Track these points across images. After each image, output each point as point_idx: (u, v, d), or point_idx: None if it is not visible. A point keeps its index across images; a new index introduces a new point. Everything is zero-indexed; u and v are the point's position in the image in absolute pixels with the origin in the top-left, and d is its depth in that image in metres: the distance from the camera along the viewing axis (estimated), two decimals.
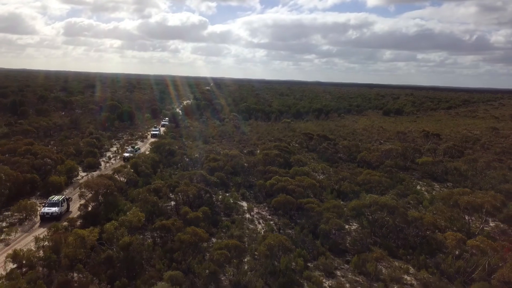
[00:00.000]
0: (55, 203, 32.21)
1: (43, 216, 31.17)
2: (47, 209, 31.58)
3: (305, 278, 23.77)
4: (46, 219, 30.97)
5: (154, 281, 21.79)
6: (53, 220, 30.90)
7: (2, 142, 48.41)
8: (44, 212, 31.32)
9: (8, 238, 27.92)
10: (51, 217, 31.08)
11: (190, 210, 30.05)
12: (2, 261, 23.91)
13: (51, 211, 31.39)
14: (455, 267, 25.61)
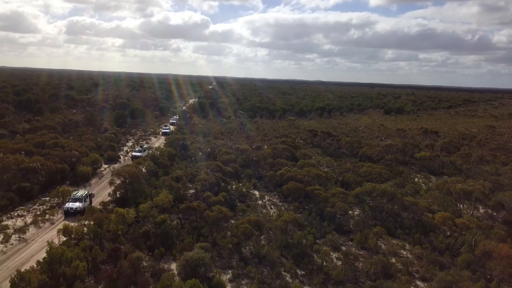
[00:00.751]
0: (79, 199, 33.15)
1: (67, 211, 32.01)
2: (71, 204, 32.49)
3: (315, 251, 27.65)
4: (70, 214, 31.81)
5: (186, 250, 25.71)
6: (76, 214, 31.59)
7: (30, 137, 52.36)
8: (68, 207, 32.15)
9: (52, 218, 31.87)
10: (74, 212, 31.86)
11: (212, 195, 33.96)
12: (54, 235, 27.86)
13: (75, 206, 32.22)
14: (445, 243, 29.50)
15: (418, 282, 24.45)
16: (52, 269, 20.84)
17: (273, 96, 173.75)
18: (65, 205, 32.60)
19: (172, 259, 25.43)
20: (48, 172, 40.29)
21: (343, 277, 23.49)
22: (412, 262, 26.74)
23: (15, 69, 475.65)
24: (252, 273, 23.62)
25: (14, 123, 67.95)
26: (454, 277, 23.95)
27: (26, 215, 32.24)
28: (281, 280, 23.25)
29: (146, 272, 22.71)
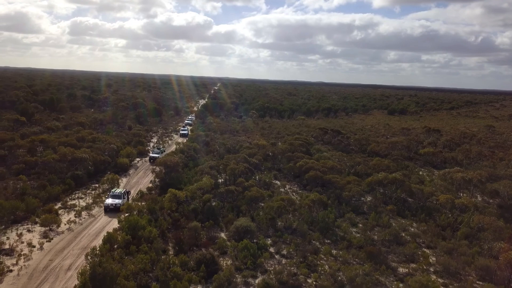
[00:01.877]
0: (118, 196, 34.71)
1: (107, 207, 33.40)
2: (111, 200, 33.86)
3: (336, 226, 33.04)
4: (110, 210, 33.22)
5: (230, 223, 31.10)
6: (116, 211, 32.86)
7: (70, 132, 57.86)
8: (108, 204, 33.53)
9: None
10: (114, 208, 33.17)
11: (245, 180, 39.42)
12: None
13: (115, 202, 33.61)
14: (447, 222, 34.88)
15: (424, 249, 29.81)
16: (133, 232, 26.27)
17: (279, 97, 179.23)
18: (105, 201, 34.09)
19: (219, 230, 30.85)
20: (94, 163, 45.81)
21: (363, 243, 28.88)
22: (419, 235, 32.15)
23: (18, 69, 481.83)
24: (288, 240, 29.03)
25: (44, 121, 73.41)
26: (454, 245, 29.35)
27: (84, 198, 37.72)
28: (312, 245, 28.62)
29: (202, 237, 28.10)
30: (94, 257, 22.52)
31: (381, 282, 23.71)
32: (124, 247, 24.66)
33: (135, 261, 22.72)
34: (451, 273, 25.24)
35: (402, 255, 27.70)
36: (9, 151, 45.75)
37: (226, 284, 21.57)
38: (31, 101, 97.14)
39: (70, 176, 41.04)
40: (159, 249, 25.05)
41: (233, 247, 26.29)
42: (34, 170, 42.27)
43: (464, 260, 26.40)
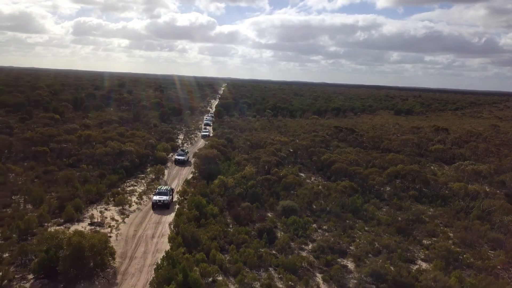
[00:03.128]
0: (165, 193, 35.83)
1: (155, 204, 34.58)
2: (158, 197, 34.96)
3: (364, 210, 38.12)
4: (158, 207, 34.55)
5: (272, 206, 36.18)
6: (163, 207, 34.56)
7: (108, 129, 63.03)
8: (156, 200, 34.69)
9: (159, 186, 42.46)
10: (162, 204, 34.66)
11: (278, 170, 44.58)
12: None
13: (163, 199, 34.82)
14: (460, 206, 39.99)
15: (442, 227, 34.91)
16: (198, 209, 31.39)
17: (287, 97, 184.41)
18: (153, 198, 35.27)
19: (264, 210, 35.95)
20: (137, 155, 50.97)
21: (390, 221, 33.99)
22: (436, 216, 37.26)
23: (22, 69, 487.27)
24: (326, 219, 34.14)
25: (75, 119, 78.60)
26: (468, 224, 34.46)
27: (137, 185, 42.85)
28: (346, 223, 33.69)
29: (255, 215, 33.22)
30: (176, 226, 27.67)
31: (410, 249, 28.78)
32: (194, 220, 29.76)
33: (208, 230, 27.86)
34: (467, 244, 30.30)
35: (425, 231, 32.81)
36: (61, 145, 50.89)
37: (286, 247, 26.69)
38: (55, 100, 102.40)
39: (120, 167, 46.20)
40: (223, 223, 30.20)
41: (283, 222, 31.43)
42: (87, 161, 47.39)
43: (478, 234, 31.51)
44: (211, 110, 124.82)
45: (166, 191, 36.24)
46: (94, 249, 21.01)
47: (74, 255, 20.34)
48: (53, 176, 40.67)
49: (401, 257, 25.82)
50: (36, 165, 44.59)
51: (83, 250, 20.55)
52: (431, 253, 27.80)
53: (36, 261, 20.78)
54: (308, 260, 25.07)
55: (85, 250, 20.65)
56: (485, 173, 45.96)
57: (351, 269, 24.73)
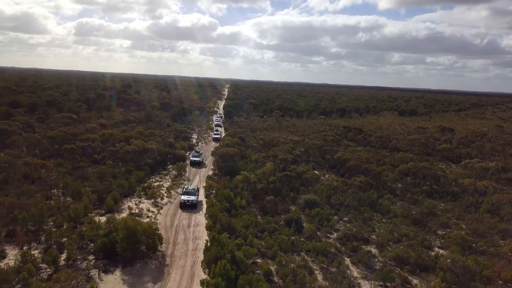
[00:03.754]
0: (192, 192, 36.48)
1: (183, 203, 35.17)
2: (186, 197, 35.51)
3: (379, 204, 40.53)
4: (186, 206, 35.12)
5: (293, 200, 38.60)
6: (191, 207, 35.13)
7: (126, 128, 65.48)
8: (184, 200, 35.27)
9: (183, 182, 44.91)
10: (190, 204, 35.20)
11: (296, 167, 47.01)
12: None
13: (190, 199, 35.37)
14: (470, 201, 42.41)
15: (454, 220, 37.32)
16: (228, 201, 33.84)
17: (292, 98, 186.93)
18: (181, 198, 35.83)
19: (286, 204, 38.34)
20: (159, 154, 53.40)
21: (406, 214, 36.40)
22: (448, 210, 39.68)
23: (24, 69, 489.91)
24: (345, 212, 36.56)
25: (91, 119, 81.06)
26: (479, 216, 36.89)
27: (161, 181, 45.24)
28: (365, 216, 36.09)
29: (279, 207, 35.64)
30: (211, 216, 30.12)
31: (427, 239, 31.19)
32: (225, 211, 32.17)
33: (240, 219, 30.29)
34: (479, 234, 32.70)
35: (438, 223, 35.22)
36: (86, 143, 53.37)
37: (313, 235, 29.12)
38: (67, 101, 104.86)
39: (143, 164, 48.63)
40: (251, 213, 32.64)
41: (306, 214, 33.87)
42: (110, 159, 49.79)
43: (489, 226, 33.95)
44: (219, 111, 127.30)
45: (193, 191, 36.79)
46: (146, 233, 23.43)
47: (130, 237, 22.78)
48: (83, 172, 43.15)
49: (421, 244, 28.23)
50: (64, 162, 47.02)
51: (137, 233, 22.98)
52: (447, 241, 30.22)
53: (97, 244, 23.20)
54: (336, 246, 27.50)
55: (139, 233, 23.07)
56: (493, 170, 48.38)
57: (375, 254, 27.15)
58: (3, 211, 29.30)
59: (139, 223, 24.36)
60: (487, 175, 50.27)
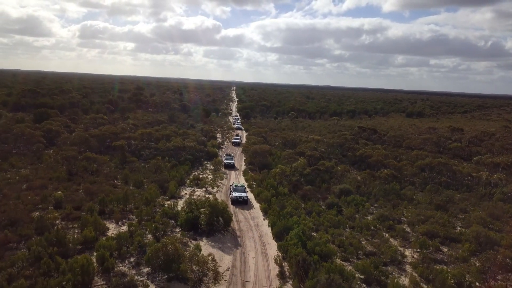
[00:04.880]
0: (241, 189, 39.66)
1: (235, 199, 37.75)
2: (238, 194, 38.38)
3: (402, 194, 45.56)
4: (237, 202, 37.70)
5: (326, 190, 43.68)
6: (243, 203, 37.82)
7: (159, 128, 70.75)
8: (236, 196, 38.01)
9: (222, 174, 50.04)
10: (242, 200, 37.96)
11: (324, 162, 52.16)
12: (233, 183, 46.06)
13: (242, 195, 38.29)
14: (484, 192, 47.45)
15: (471, 207, 42.37)
16: (272, 189, 38.99)
17: (301, 100, 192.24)
18: (232, 194, 38.63)
19: (320, 193, 43.42)
20: (195, 150, 58.65)
21: (429, 201, 41.50)
22: (464, 199, 44.75)
23: (30, 72, 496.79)
24: (374, 199, 41.63)
25: (118, 120, 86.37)
26: (492, 204, 41.94)
27: (202, 173, 50.39)
28: (392, 202, 41.11)
29: (318, 195, 40.75)
30: (265, 200, 35.29)
31: (450, 220, 36.24)
32: (273, 197, 37.30)
33: (288, 203, 35.44)
34: (494, 217, 37.75)
35: (458, 209, 40.28)
36: (128, 141, 58.64)
37: (353, 216, 34.24)
38: (89, 103, 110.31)
39: (184, 160, 53.86)
40: (294, 199, 37.79)
41: (343, 200, 39.00)
42: (151, 155, 54.97)
43: (503, 210, 39.00)
44: (233, 112, 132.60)
45: (242, 188, 39.76)
46: (223, 210, 28.62)
47: (212, 212, 27.95)
48: (133, 165, 48.41)
49: (447, 223, 33.35)
50: (113, 157, 52.23)
51: (217, 209, 28.15)
52: (468, 222, 35.29)
53: (183, 218, 28.36)
54: (374, 224, 32.62)
55: (218, 209, 28.25)
56: (503, 165, 53.44)
57: (408, 231, 32.23)
58: (87, 196, 34.55)
59: (217, 202, 29.54)
60: (498, 169, 55.32)
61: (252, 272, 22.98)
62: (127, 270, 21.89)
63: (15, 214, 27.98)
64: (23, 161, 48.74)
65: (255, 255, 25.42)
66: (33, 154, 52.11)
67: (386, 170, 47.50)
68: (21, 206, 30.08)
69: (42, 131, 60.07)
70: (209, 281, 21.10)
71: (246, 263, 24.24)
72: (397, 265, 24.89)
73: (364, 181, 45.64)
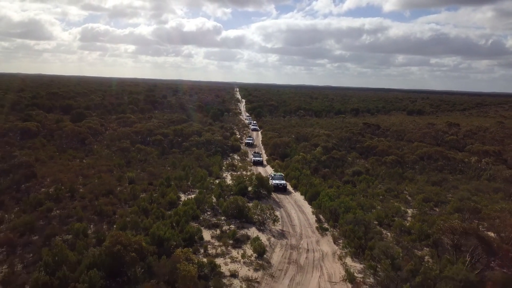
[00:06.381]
0: (280, 178, 44.60)
1: (276, 187, 42.17)
2: (278, 181, 43.10)
3: (404, 176, 54.70)
4: (278, 189, 42.28)
5: (342, 172, 52.84)
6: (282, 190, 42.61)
7: (186, 125, 80.00)
8: (277, 183, 42.69)
9: (250, 164, 59.19)
10: (282, 187, 42.84)
11: (338, 151, 61.42)
12: (263, 169, 55.33)
13: (281, 183, 43.21)
14: (473, 174, 56.63)
15: (460, 185, 51.46)
16: (298, 171, 48.23)
17: (306, 100, 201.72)
18: (272, 182, 42.68)
19: (336, 175, 52.58)
20: (222, 143, 67.90)
21: (426, 179, 50.65)
22: (457, 179, 53.92)
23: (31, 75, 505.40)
24: (381, 179, 50.80)
25: (142, 119, 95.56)
26: (480, 182, 51.11)
27: (233, 162, 59.52)
28: (394, 181, 50.17)
29: (335, 177, 49.92)
30: (293, 177, 44.57)
31: (443, 193, 45.39)
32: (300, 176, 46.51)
33: (313, 180, 44.63)
34: (479, 190, 46.93)
35: (450, 185, 49.45)
36: (163, 136, 67.88)
37: (365, 189, 43.46)
38: (111, 104, 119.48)
39: (214, 151, 63.05)
40: (317, 178, 47.03)
41: (356, 179, 48.22)
42: (183, 148, 64.07)
43: (487, 186, 48.24)
44: (242, 112, 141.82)
45: (281, 176, 44.97)
46: (267, 181, 37.87)
47: (258, 183, 37.17)
48: (174, 156, 57.59)
49: (441, 193, 42.64)
50: (153, 149, 61.38)
51: (262, 181, 37.38)
52: (457, 193, 44.50)
53: (236, 188, 37.57)
54: (383, 194, 41.83)
55: (263, 181, 37.48)
56: (491, 152, 62.72)
57: (409, 199, 41.43)
58: (150, 176, 43.76)
59: (262, 176, 38.79)
60: (487, 156, 64.57)
61: (296, 220, 32.17)
62: (209, 218, 31.04)
63: (109, 186, 37.19)
64: (78, 154, 57.90)
65: (295, 212, 34.60)
66: (85, 148, 61.29)
67: (391, 156, 56.77)
68: (109, 182, 39.26)
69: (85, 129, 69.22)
70: (269, 223, 30.26)
71: (290, 216, 33.43)
72: (401, 217, 34.07)
73: (372, 166, 54.88)
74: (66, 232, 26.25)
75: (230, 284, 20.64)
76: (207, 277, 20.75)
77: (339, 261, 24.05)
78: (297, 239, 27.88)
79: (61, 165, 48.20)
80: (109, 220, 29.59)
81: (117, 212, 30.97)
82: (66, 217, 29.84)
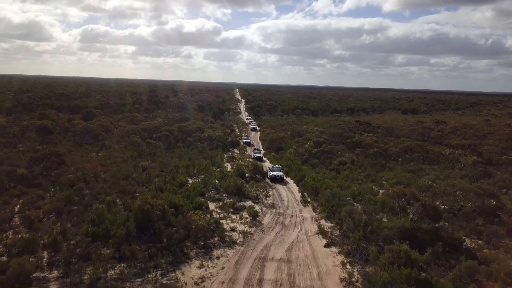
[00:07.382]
0: (278, 170, 48.80)
1: (273, 178, 46.42)
2: (275, 173, 47.20)
3: (386, 166, 61.62)
4: (275, 180, 46.44)
5: (329, 163, 59.82)
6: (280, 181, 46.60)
7: (189, 123, 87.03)
8: (275, 175, 46.72)
9: (249, 155, 66.16)
10: (280, 178, 46.73)
11: (327, 145, 68.40)
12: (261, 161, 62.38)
13: (279, 174, 47.24)
14: (448, 164, 63.55)
15: (433, 172, 58.38)
16: (291, 161, 55.22)
17: (304, 100, 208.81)
18: (271, 173, 47.25)
19: (325, 165, 59.49)
20: (222, 139, 74.89)
21: (404, 169, 57.60)
22: (432, 169, 60.87)
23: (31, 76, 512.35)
24: (364, 167, 57.74)
25: (148, 118, 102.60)
26: (453, 171, 58.03)
27: (232, 155, 66.48)
28: (378, 169, 57.07)
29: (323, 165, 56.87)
30: (285, 166, 51.62)
31: (415, 178, 52.25)
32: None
33: (305, 169, 51.58)
34: (450, 177, 53.82)
35: (424, 173, 56.33)
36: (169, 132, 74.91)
37: (348, 176, 50.40)
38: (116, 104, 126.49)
39: (216, 146, 70.01)
40: (306, 167, 53.99)
41: (341, 168, 55.14)
42: (187, 143, 70.99)
43: (457, 173, 55.18)
44: (242, 112, 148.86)
45: (279, 168, 49.46)
46: (261, 167, 44.86)
47: (254, 169, 44.18)
48: (180, 150, 64.53)
49: (413, 178, 49.64)
50: (161, 144, 68.33)
51: (257, 167, 44.38)
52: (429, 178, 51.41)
53: (236, 173, 44.58)
54: (362, 178, 48.81)
55: (258, 167, 44.47)
56: (467, 146, 69.73)
57: (384, 184, 48.38)
58: (161, 166, 50.72)
59: (257, 163, 45.81)
60: (463, 149, 71.56)
61: (285, 197, 39.18)
62: (213, 195, 38.03)
63: (127, 172, 44.17)
64: (93, 148, 64.84)
65: (285, 192, 41.59)
66: (99, 143, 68.24)
67: (374, 149, 63.79)
68: (126, 169, 46.24)
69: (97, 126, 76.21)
70: (263, 198, 37.27)
71: (280, 194, 40.40)
72: (373, 195, 41.05)
73: (357, 157, 61.88)
74: (99, 203, 33.20)
75: (230, 235, 27.58)
76: (213, 231, 27.70)
77: (315, 222, 31.01)
78: (284, 209, 34.87)
79: (81, 156, 55.17)
80: (132, 197, 36.53)
81: (137, 191, 37.94)
82: (96, 194, 36.80)
